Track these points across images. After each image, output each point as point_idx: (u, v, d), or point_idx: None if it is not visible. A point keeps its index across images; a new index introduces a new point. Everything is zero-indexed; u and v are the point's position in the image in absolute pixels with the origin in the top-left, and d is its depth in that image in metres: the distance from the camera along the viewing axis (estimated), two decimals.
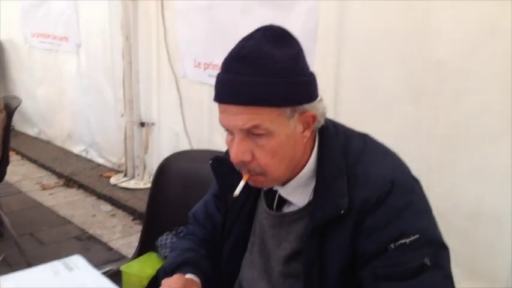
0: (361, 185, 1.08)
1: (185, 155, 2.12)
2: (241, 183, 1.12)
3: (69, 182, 4.57)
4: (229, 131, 1.10)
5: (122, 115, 4.31)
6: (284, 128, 1.07)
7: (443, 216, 1.16)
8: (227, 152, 1.24)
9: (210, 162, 1.28)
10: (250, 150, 1.08)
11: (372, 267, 1.06)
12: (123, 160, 4.46)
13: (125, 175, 4.39)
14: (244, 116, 1.04)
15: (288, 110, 1.06)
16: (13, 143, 3.18)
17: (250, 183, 1.13)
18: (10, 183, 4.32)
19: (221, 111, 1.09)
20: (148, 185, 2.08)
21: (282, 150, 1.08)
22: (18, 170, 4.76)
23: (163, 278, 1.23)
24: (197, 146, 3.68)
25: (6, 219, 3.15)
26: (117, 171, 4.50)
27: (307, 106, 1.08)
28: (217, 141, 3.33)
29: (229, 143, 1.11)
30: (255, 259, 1.26)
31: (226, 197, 1.29)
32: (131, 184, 4.27)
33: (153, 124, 4.22)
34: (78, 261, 1.39)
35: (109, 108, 4.55)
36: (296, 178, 1.16)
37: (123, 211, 3.94)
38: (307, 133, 1.12)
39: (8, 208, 3.32)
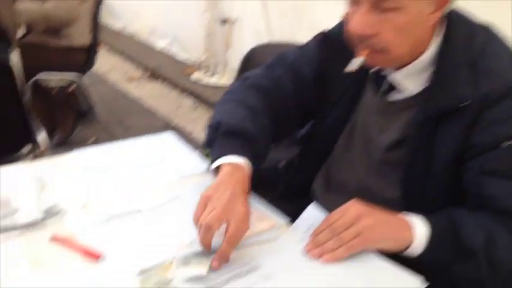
0: (485, 77, 1.02)
1: (270, 48, 2.09)
2: (360, 58, 1.06)
3: (154, 75, 4.70)
4: (355, 1, 1.04)
5: (204, 11, 4.29)
6: (416, 4, 1.00)
7: None
8: (335, 28, 1.21)
9: (316, 35, 1.24)
10: (375, 23, 1.01)
11: (479, 160, 1.03)
12: (204, 57, 4.51)
13: (207, 71, 4.46)
14: None
15: None
16: (100, 36, 3.25)
17: (367, 61, 1.07)
18: (98, 73, 4.51)
19: None
20: (229, 83, 2.08)
21: (409, 27, 1.02)
22: (105, 61, 4.91)
23: (214, 129, 1.14)
24: None
25: (95, 106, 3.32)
26: (199, 68, 4.57)
27: None
28: (301, 39, 3.25)
29: (351, 15, 1.05)
30: (354, 143, 1.23)
31: (327, 73, 1.24)
32: (213, 80, 4.34)
33: (235, 21, 4.18)
34: (170, 137, 1.44)
35: (191, 4, 4.54)
36: (414, 63, 1.09)
37: (205, 105, 4.03)
38: (437, 14, 1.04)
39: (97, 97, 3.47)
